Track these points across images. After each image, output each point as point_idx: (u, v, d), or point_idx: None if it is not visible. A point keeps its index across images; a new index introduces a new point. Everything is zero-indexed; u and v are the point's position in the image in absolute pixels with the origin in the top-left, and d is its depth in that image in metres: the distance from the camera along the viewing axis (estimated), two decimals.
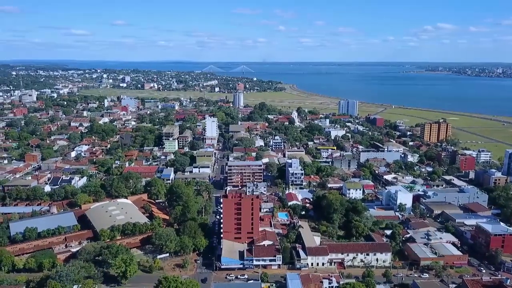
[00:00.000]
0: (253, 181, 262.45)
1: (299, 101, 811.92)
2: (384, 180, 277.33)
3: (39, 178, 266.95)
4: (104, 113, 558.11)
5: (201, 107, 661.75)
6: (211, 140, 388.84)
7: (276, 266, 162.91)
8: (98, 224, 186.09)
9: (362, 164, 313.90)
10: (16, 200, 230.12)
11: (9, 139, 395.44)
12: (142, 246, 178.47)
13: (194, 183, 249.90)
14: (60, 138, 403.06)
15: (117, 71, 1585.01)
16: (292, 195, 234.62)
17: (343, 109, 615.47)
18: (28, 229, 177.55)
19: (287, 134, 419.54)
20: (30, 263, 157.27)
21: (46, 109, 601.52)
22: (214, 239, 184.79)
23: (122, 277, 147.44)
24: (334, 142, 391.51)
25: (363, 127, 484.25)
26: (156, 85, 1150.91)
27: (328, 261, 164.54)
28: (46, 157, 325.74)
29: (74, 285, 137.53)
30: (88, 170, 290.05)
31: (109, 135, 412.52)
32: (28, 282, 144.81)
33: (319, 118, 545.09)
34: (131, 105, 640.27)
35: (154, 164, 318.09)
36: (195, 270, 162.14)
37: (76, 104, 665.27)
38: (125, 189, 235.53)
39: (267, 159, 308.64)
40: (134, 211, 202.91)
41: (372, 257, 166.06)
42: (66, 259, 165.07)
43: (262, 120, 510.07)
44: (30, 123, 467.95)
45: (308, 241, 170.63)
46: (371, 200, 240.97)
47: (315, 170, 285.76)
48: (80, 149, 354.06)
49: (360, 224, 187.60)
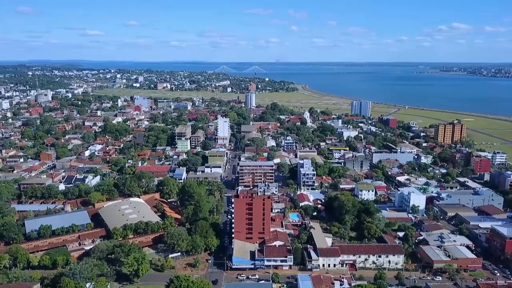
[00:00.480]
0: (264, 182, 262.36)
1: (311, 101, 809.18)
2: (397, 181, 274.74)
3: (54, 177, 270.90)
4: (117, 113, 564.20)
5: (213, 107, 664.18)
6: (223, 140, 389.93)
7: (287, 266, 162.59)
8: (111, 223, 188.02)
9: (374, 165, 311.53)
10: (32, 198, 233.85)
11: (25, 138, 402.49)
12: (154, 245, 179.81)
13: (206, 182, 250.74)
14: (74, 137, 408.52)
15: (130, 71, 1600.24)
16: (304, 196, 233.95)
17: (355, 110, 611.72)
18: (43, 227, 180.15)
19: (299, 135, 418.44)
20: (45, 260, 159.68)
21: (61, 109, 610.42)
22: (226, 239, 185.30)
23: (134, 276, 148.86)
24: (346, 143, 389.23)
25: (375, 127, 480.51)
26: (169, 85, 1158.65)
27: (339, 263, 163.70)
28: (61, 156, 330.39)
29: (87, 282, 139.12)
30: (101, 169, 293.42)
31: (122, 134, 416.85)
32: (43, 279, 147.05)
33: (332, 118, 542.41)
34: (144, 105, 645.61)
35: (166, 163, 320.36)
36: (207, 270, 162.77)
37: (90, 104, 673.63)
38: (138, 188, 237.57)
39: (278, 160, 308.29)
40: (146, 210, 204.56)
41: (384, 259, 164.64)
42: (79, 256, 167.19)
43: (274, 120, 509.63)
44: (46, 122, 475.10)
45: (320, 242, 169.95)
46: (384, 202, 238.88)
47: (327, 171, 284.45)
48: (94, 148, 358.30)
49: (372, 226, 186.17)
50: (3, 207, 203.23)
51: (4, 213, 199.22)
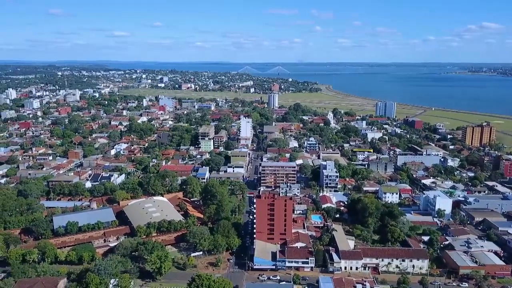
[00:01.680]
0: (286, 182, 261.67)
1: (335, 102, 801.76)
2: (422, 184, 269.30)
3: (81, 175, 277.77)
4: (142, 113, 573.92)
5: (236, 107, 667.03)
6: (246, 140, 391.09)
7: (309, 268, 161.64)
8: (135, 221, 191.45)
9: (399, 168, 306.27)
10: (59, 195, 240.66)
11: (54, 137, 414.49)
12: (176, 243, 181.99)
13: (228, 182, 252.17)
14: (100, 136, 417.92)
15: (155, 71, 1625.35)
16: (326, 198, 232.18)
17: (380, 111, 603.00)
18: (70, 223, 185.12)
19: (322, 136, 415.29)
20: (71, 256, 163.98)
21: (89, 108, 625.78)
22: (247, 239, 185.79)
23: (157, 273, 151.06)
24: (370, 145, 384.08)
25: (401, 129, 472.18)
26: (193, 86, 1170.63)
27: (362, 266, 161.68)
28: (88, 154, 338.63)
29: (112, 278, 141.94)
30: (126, 167, 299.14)
31: (147, 134, 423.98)
32: (69, 273, 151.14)
33: (355, 119, 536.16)
34: (168, 105, 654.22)
35: (190, 163, 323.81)
36: (228, 269, 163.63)
37: (116, 104, 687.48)
38: (162, 187, 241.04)
39: (301, 161, 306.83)
40: (169, 208, 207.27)
41: (408, 263, 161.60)
42: (104, 253, 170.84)
43: (297, 121, 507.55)
44: (74, 121, 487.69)
45: (342, 245, 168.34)
46: (408, 205, 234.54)
47: (351, 173, 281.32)
48: (119, 147, 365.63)
49: (396, 229, 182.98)
50: (32, 204, 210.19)
51: (33, 209, 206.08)
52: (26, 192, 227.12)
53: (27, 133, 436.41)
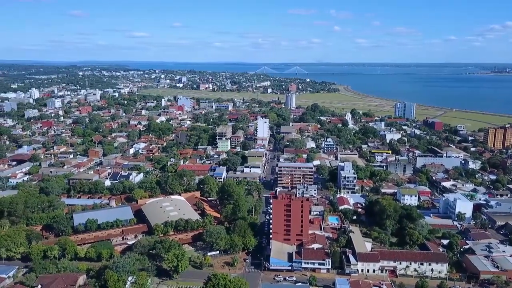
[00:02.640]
0: (303, 183, 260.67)
1: (353, 102, 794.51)
2: (442, 187, 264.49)
3: (100, 173, 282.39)
4: (161, 112, 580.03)
5: (253, 107, 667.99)
6: (263, 140, 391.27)
7: (325, 270, 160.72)
8: (153, 219, 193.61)
9: (418, 170, 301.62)
10: (80, 193, 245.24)
11: (75, 135, 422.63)
12: (193, 242, 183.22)
13: (245, 182, 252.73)
14: (120, 135, 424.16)
15: (174, 71, 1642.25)
16: (344, 199, 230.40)
17: (399, 112, 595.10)
18: (89, 221, 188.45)
19: (340, 137, 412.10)
20: (91, 253, 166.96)
21: (108, 108, 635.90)
22: (263, 239, 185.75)
23: (174, 272, 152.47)
24: (389, 146, 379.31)
25: (420, 131, 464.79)
26: (211, 86, 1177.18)
27: (379, 268, 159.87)
28: (107, 153, 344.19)
29: (129, 276, 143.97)
30: (145, 166, 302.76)
31: (166, 133, 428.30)
32: (88, 270, 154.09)
33: (374, 120, 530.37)
34: (186, 105, 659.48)
35: (207, 162, 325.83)
36: (244, 269, 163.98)
37: (135, 103, 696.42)
38: (179, 186, 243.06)
39: (318, 162, 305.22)
40: (187, 208, 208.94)
41: (426, 267, 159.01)
42: (122, 251, 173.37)
43: (314, 122, 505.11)
44: (94, 120, 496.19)
45: (359, 247, 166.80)
46: (427, 208, 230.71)
47: (369, 174, 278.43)
48: (138, 146, 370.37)
49: (414, 232, 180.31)
50: (54, 201, 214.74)
51: (55, 206, 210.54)
52: (47, 189, 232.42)
53: (49, 132, 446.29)
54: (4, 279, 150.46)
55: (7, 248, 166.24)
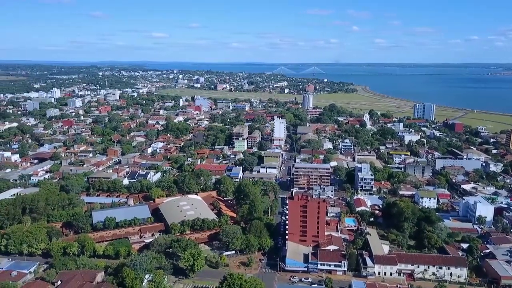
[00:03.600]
0: (320, 184, 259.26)
1: (371, 103, 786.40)
2: (462, 189, 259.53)
3: (119, 172, 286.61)
4: (179, 112, 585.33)
5: (270, 108, 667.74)
6: (279, 141, 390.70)
7: (341, 272, 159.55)
8: (170, 218, 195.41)
9: (437, 172, 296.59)
10: (98, 191, 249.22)
11: (94, 134, 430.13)
12: (209, 241, 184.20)
13: (261, 182, 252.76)
14: (138, 134, 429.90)
15: (192, 72, 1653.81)
16: (361, 201, 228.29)
17: (418, 113, 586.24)
18: (108, 219, 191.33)
19: (358, 137, 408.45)
20: (109, 250, 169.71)
21: (127, 107, 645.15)
22: (279, 240, 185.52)
23: (190, 271, 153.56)
24: (407, 147, 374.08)
25: (440, 132, 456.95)
26: (228, 86, 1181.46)
27: (396, 271, 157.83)
28: (126, 152, 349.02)
29: (146, 274, 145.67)
30: (162, 166, 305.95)
31: (183, 133, 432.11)
32: (106, 267, 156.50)
33: (392, 121, 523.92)
34: (204, 105, 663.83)
35: (224, 162, 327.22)
36: (260, 270, 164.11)
37: (153, 103, 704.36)
38: (196, 186, 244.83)
39: (335, 163, 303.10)
40: (203, 207, 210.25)
41: (445, 271, 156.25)
42: (140, 249, 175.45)
43: (332, 122, 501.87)
44: (113, 120, 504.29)
45: (376, 249, 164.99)
46: (446, 211, 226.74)
47: (386, 176, 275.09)
48: (156, 145, 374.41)
49: (433, 235, 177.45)
50: (73, 199, 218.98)
51: (74, 204, 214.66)
52: (68, 187, 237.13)
53: (69, 130, 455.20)
54: (25, 274, 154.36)
55: (28, 244, 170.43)
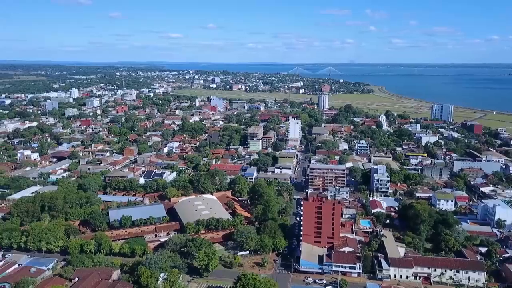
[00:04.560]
0: (335, 185, 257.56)
1: (387, 104, 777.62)
2: (481, 192, 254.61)
3: (135, 171, 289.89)
4: (194, 112, 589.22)
5: (285, 108, 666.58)
6: (294, 141, 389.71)
7: (356, 274, 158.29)
8: (185, 217, 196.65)
9: (455, 174, 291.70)
10: (115, 190, 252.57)
11: (111, 134, 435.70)
12: (224, 241, 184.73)
13: (275, 183, 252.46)
14: (154, 134, 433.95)
15: (207, 72, 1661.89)
16: (376, 203, 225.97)
17: (436, 114, 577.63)
18: (124, 217, 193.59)
19: (374, 138, 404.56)
20: (125, 249, 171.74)
21: (144, 107, 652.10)
22: (294, 241, 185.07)
23: (204, 270, 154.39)
24: (424, 149, 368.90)
25: (458, 133, 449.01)
26: (243, 86, 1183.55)
27: (412, 275, 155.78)
28: (142, 151, 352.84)
29: (161, 272, 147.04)
30: (178, 165, 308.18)
31: (199, 133, 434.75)
32: (122, 265, 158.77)
33: (409, 122, 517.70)
34: (219, 105, 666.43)
35: (238, 162, 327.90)
36: (274, 270, 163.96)
37: (169, 103, 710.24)
38: (211, 185, 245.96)
39: (351, 164, 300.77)
40: (218, 207, 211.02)
41: (463, 275, 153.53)
42: (155, 247, 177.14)
43: (347, 123, 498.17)
44: (130, 119, 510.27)
45: (392, 252, 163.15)
46: (464, 213, 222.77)
47: (403, 178, 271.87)
48: (171, 145, 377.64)
49: (450, 238, 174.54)
50: (91, 197, 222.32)
51: (91, 202, 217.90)
52: (85, 186, 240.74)
53: (87, 130, 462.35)
54: (44, 270, 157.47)
55: (47, 241, 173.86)
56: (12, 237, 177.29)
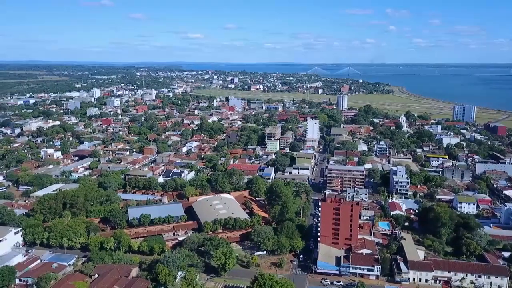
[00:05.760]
0: (353, 187, 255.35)
1: (408, 104, 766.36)
2: (504, 195, 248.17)
3: (154, 170, 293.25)
4: (213, 112, 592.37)
5: (303, 108, 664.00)
6: (312, 142, 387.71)
7: (374, 276, 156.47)
8: (203, 217, 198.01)
9: (477, 176, 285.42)
10: (134, 188, 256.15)
11: (131, 133, 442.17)
12: (241, 241, 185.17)
13: (293, 184, 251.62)
14: (173, 134, 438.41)
15: (226, 72, 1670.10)
16: (396, 205, 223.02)
17: (458, 115, 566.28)
18: (143, 216, 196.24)
19: (393, 140, 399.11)
20: (143, 246, 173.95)
21: (163, 107, 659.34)
22: (311, 242, 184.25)
23: (221, 269, 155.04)
24: (446, 151, 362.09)
25: (480, 135, 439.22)
26: (261, 87, 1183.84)
27: (432, 278, 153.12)
28: (161, 150, 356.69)
29: (179, 271, 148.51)
30: (196, 165, 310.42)
31: (217, 133, 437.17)
32: (141, 263, 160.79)
33: (430, 123, 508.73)
34: (237, 106, 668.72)
35: (256, 162, 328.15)
36: (291, 271, 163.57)
37: (188, 103, 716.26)
38: (229, 185, 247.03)
39: (370, 165, 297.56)
40: (235, 206, 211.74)
41: (485, 280, 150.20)
42: (173, 246, 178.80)
43: (367, 124, 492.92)
44: (149, 119, 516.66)
45: (411, 255, 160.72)
46: (487, 217, 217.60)
47: (423, 180, 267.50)
48: (190, 145, 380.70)
49: (472, 242, 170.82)
50: (111, 195, 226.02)
51: (111, 200, 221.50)
52: (105, 184, 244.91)
53: (108, 129, 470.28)
54: (65, 266, 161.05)
55: (68, 238, 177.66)
56: (35, 233, 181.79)
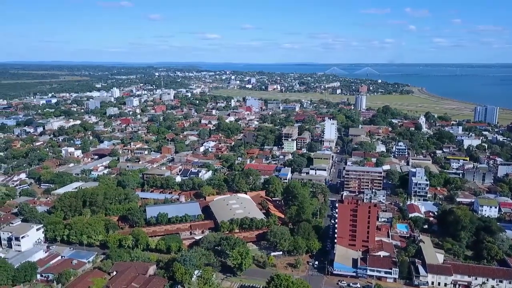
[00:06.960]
0: (371, 188, 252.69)
1: (427, 105, 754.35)
2: None
3: (172, 169, 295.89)
4: (230, 113, 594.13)
5: (321, 109, 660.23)
6: (329, 142, 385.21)
7: (392, 279, 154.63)
8: (219, 216, 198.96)
9: (499, 179, 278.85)
10: (152, 187, 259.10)
11: (150, 133, 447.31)
12: (257, 241, 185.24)
13: (310, 184, 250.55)
14: (191, 133, 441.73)
15: (243, 73, 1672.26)
16: (414, 207, 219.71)
17: (479, 116, 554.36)
18: (160, 214, 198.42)
19: (413, 141, 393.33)
20: (161, 245, 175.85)
21: (181, 107, 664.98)
22: (328, 243, 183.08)
23: (237, 269, 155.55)
24: (466, 152, 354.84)
25: (503, 137, 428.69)
26: (279, 87, 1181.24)
27: (451, 282, 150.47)
28: (179, 150, 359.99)
29: (196, 270, 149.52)
30: (213, 164, 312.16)
31: (234, 133, 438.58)
32: (158, 261, 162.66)
33: (451, 124, 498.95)
34: (255, 106, 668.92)
35: (273, 162, 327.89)
36: (307, 272, 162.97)
37: (206, 103, 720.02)
38: (245, 185, 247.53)
39: (388, 166, 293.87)
40: (252, 206, 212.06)
41: (506, 285, 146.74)
42: (190, 245, 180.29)
43: (385, 124, 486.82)
44: (167, 119, 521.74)
45: (430, 258, 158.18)
46: (509, 221, 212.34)
47: (443, 182, 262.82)
48: (208, 144, 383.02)
49: (493, 246, 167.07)
50: (129, 194, 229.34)
51: (130, 199, 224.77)
52: (124, 182, 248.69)
53: (127, 128, 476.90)
54: (85, 263, 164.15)
55: (88, 235, 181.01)
56: (56, 230, 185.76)
